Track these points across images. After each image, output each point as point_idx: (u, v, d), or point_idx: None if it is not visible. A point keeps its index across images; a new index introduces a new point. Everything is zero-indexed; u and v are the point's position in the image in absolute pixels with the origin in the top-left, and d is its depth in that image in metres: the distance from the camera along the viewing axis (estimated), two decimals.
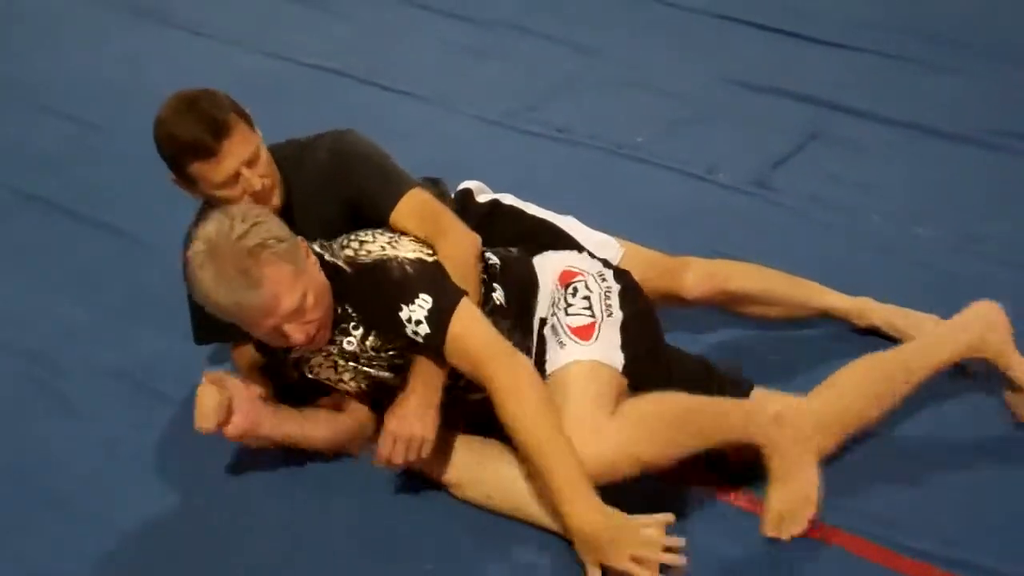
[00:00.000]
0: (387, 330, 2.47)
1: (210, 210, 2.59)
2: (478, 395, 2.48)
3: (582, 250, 2.75)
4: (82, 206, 3.72)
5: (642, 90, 4.19)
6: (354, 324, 2.50)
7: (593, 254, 2.75)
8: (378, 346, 2.51)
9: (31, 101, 4.38)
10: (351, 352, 2.53)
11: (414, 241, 2.55)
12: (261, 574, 2.53)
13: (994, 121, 3.82)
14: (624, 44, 4.50)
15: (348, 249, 2.51)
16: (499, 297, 2.61)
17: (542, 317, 2.61)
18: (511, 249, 2.75)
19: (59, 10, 5.07)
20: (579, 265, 2.68)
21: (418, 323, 2.41)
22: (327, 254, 2.51)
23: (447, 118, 4.11)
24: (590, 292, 2.60)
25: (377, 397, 2.63)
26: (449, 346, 2.42)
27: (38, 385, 3.03)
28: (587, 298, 2.58)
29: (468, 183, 2.95)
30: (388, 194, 2.62)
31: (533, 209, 2.91)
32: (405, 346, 2.48)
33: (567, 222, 2.89)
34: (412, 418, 2.46)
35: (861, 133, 3.85)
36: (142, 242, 3.52)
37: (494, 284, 2.62)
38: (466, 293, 2.47)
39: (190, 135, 2.53)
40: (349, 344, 2.51)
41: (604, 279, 2.64)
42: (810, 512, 2.46)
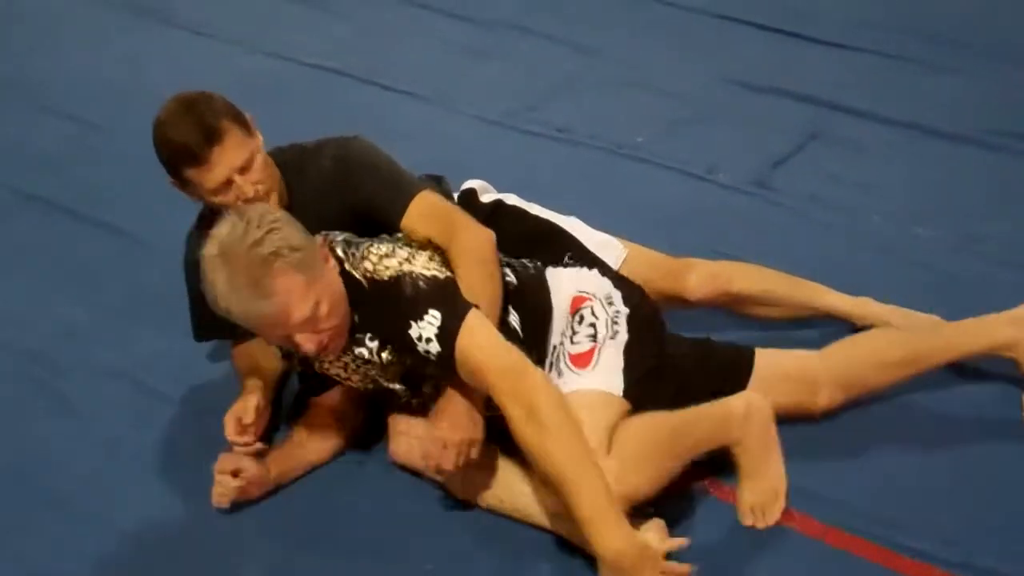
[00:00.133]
0: (400, 348, 2.42)
1: (210, 214, 2.60)
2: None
3: (592, 265, 2.70)
4: (82, 206, 3.72)
5: (642, 90, 4.19)
6: (370, 336, 2.45)
7: (605, 270, 2.70)
8: (392, 360, 2.47)
9: (31, 101, 4.38)
10: (364, 360, 2.49)
11: (432, 259, 2.47)
12: (261, 574, 2.54)
13: (994, 121, 3.82)
14: (624, 44, 4.50)
15: (367, 262, 2.43)
16: (514, 322, 2.55)
17: (554, 344, 2.58)
18: (526, 263, 2.68)
19: (59, 10, 5.07)
20: (588, 289, 2.62)
21: (428, 341, 2.35)
22: (347, 262, 2.43)
23: (447, 118, 4.11)
24: (596, 318, 2.56)
25: (380, 400, 2.64)
26: (460, 364, 2.35)
27: (38, 385, 3.03)
28: (592, 324, 2.55)
29: (472, 183, 2.94)
30: (397, 200, 2.59)
31: (536, 209, 2.90)
32: (419, 365, 2.44)
33: (570, 223, 2.88)
34: (461, 420, 2.43)
35: (861, 133, 3.85)
36: (142, 242, 3.52)
37: (510, 308, 2.55)
38: (476, 306, 2.39)
39: (182, 140, 2.51)
40: (363, 353, 2.47)
41: (612, 302, 2.59)
42: (780, 505, 2.54)
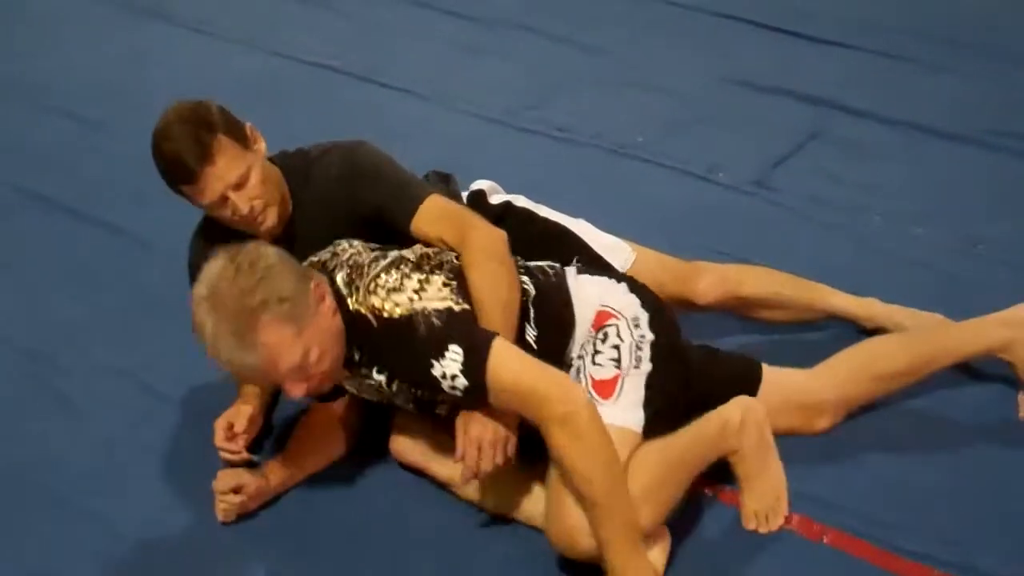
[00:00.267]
0: (422, 386, 2.36)
1: (212, 223, 2.58)
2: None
3: (621, 279, 2.61)
4: (83, 205, 3.72)
5: (642, 89, 4.18)
6: (377, 369, 2.38)
7: (634, 286, 2.59)
8: (402, 388, 2.43)
9: (32, 99, 4.38)
10: (373, 387, 2.44)
11: (445, 285, 2.39)
12: (261, 574, 2.54)
13: (995, 121, 3.81)
14: (625, 43, 4.50)
15: (375, 297, 2.34)
16: (531, 336, 2.48)
17: (573, 357, 2.52)
18: (546, 268, 2.60)
19: (60, 9, 5.08)
20: (615, 306, 2.52)
21: (454, 377, 2.29)
22: (352, 298, 2.35)
23: (447, 116, 4.11)
24: (621, 341, 2.47)
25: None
26: (493, 395, 2.31)
27: (38, 384, 3.03)
28: (616, 347, 2.46)
29: (480, 183, 2.91)
30: (406, 205, 2.55)
31: (545, 211, 2.88)
32: (435, 395, 2.38)
33: (579, 225, 2.86)
34: (492, 417, 2.39)
35: (861, 133, 3.85)
36: (142, 241, 3.52)
37: (530, 317, 2.49)
38: (497, 334, 2.33)
39: (174, 157, 2.48)
40: (370, 383, 2.43)
41: (638, 325, 2.49)
42: (782, 508, 2.54)
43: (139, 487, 2.71)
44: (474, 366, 2.28)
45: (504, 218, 2.78)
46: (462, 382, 2.29)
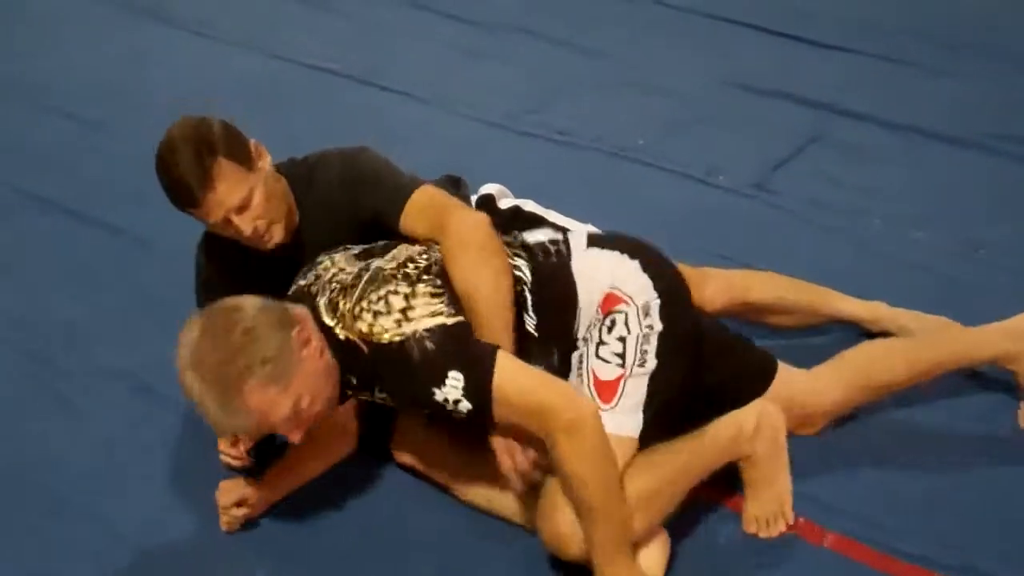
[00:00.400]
0: (426, 407, 2.32)
1: (215, 236, 2.57)
2: None
3: (634, 255, 2.49)
4: (83, 205, 3.72)
5: (643, 92, 4.19)
6: (378, 389, 2.34)
7: (647, 263, 2.48)
8: (406, 406, 2.42)
9: (32, 100, 4.38)
10: (374, 400, 2.42)
11: (433, 296, 2.32)
12: (261, 575, 2.54)
13: (995, 125, 3.82)
14: (625, 46, 4.50)
15: (361, 323, 2.28)
16: (531, 325, 2.43)
17: (581, 337, 2.46)
18: (548, 247, 2.51)
19: (61, 9, 5.07)
20: (627, 290, 2.42)
21: (457, 402, 2.26)
22: (339, 326, 2.30)
23: (447, 120, 4.11)
24: (627, 332, 2.39)
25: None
26: (497, 412, 2.27)
27: (37, 384, 3.03)
28: (622, 340, 2.38)
29: (489, 187, 2.90)
30: (397, 204, 2.52)
31: (554, 216, 2.85)
32: (448, 417, 2.33)
33: (588, 230, 2.86)
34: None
35: (861, 136, 3.85)
36: (143, 242, 3.52)
37: (524, 314, 2.43)
38: (498, 348, 2.28)
39: (174, 183, 2.46)
40: (372, 400, 2.41)
41: (648, 313, 2.40)
42: (785, 520, 2.52)
43: (139, 487, 2.71)
44: (476, 390, 2.25)
45: (514, 222, 2.78)
46: (465, 406, 2.27)
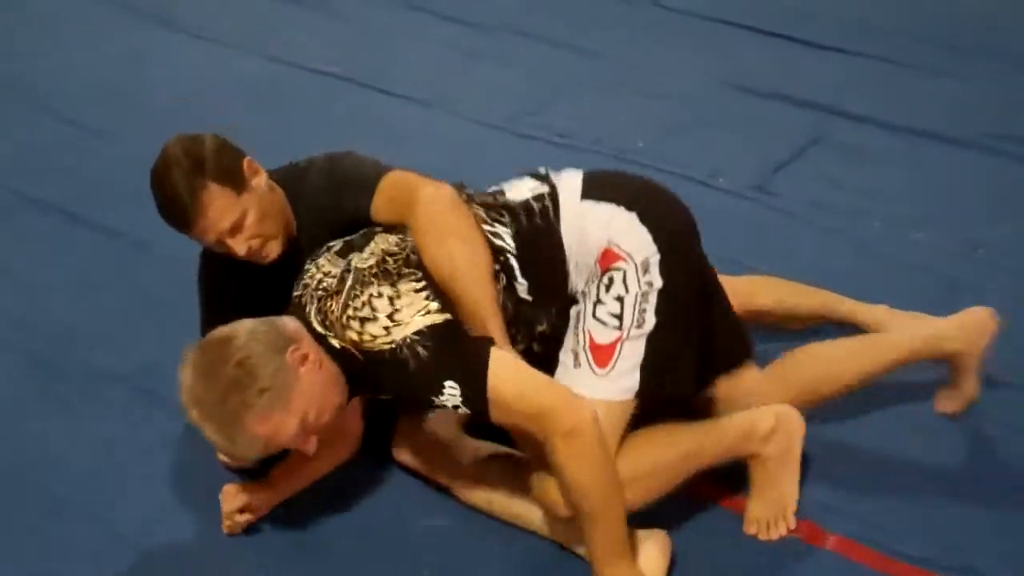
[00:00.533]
0: (428, 409, 2.35)
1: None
2: None
3: (631, 207, 2.39)
4: (82, 208, 3.71)
5: (643, 94, 4.19)
6: (380, 392, 2.38)
7: (645, 215, 2.39)
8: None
9: (32, 103, 4.38)
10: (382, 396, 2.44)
11: (418, 292, 2.29)
12: None
13: (995, 125, 3.82)
14: (625, 48, 4.50)
15: (350, 332, 2.27)
16: (522, 289, 2.39)
17: (580, 290, 2.39)
18: (532, 204, 2.43)
19: (61, 12, 5.07)
20: (624, 246, 2.35)
21: (456, 407, 2.26)
22: (331, 336, 2.29)
23: (447, 122, 4.11)
24: (625, 292, 2.33)
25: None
26: (495, 414, 2.26)
27: (37, 386, 3.03)
28: (620, 299, 2.32)
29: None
30: (367, 199, 2.47)
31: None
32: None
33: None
34: None
35: (862, 138, 3.85)
36: (142, 244, 3.51)
37: (514, 282, 2.38)
38: (492, 347, 2.25)
39: (165, 207, 2.46)
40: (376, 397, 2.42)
41: (647, 270, 2.33)
42: (786, 526, 2.50)
43: (139, 488, 2.71)
44: (474, 396, 2.24)
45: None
46: (464, 411, 2.27)
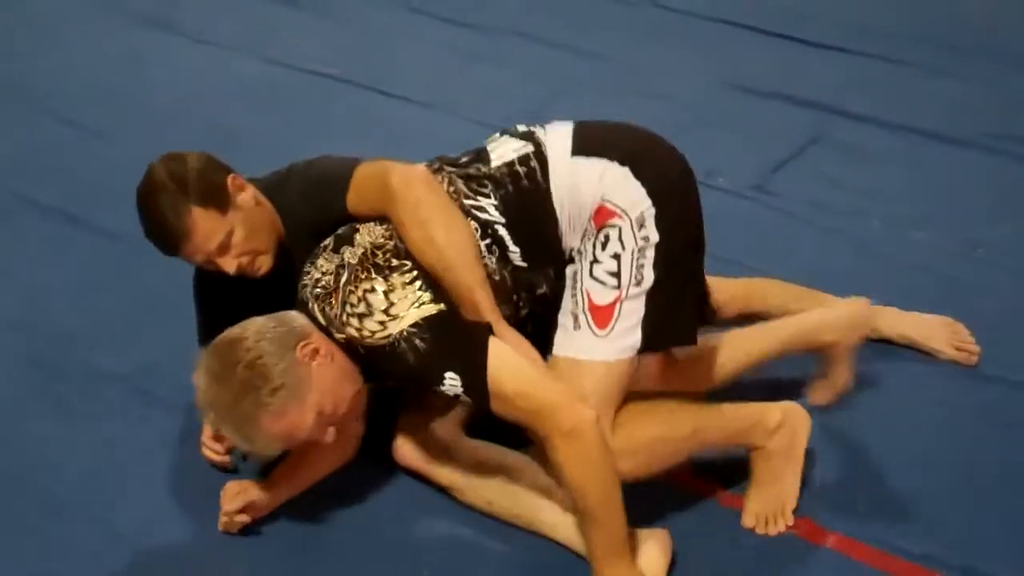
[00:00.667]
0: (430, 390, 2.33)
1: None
2: None
3: (624, 162, 2.35)
4: (82, 210, 3.71)
5: (642, 94, 4.18)
6: (385, 382, 2.40)
7: (639, 170, 2.35)
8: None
9: (32, 105, 4.37)
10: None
11: (411, 283, 2.29)
12: None
13: (994, 125, 3.82)
14: (625, 48, 4.51)
15: (350, 328, 2.28)
16: (516, 256, 2.37)
17: (576, 249, 2.36)
18: (516, 167, 2.38)
19: (61, 15, 5.07)
20: (619, 202, 2.31)
21: (457, 396, 2.28)
22: (334, 329, 2.31)
23: (448, 123, 4.10)
24: (622, 249, 2.30)
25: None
26: (497, 411, 2.28)
27: (37, 388, 3.02)
28: (617, 257, 2.30)
29: None
30: (342, 198, 2.45)
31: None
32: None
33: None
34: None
35: (861, 137, 3.85)
36: (141, 245, 3.48)
37: (507, 252, 2.36)
38: (491, 337, 2.25)
39: (151, 232, 2.49)
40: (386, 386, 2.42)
41: (643, 225, 2.31)
42: (785, 522, 2.50)
43: (139, 489, 2.70)
44: (475, 387, 2.25)
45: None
46: (466, 399, 2.29)
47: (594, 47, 4.51)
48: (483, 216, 2.37)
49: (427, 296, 2.28)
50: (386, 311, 2.27)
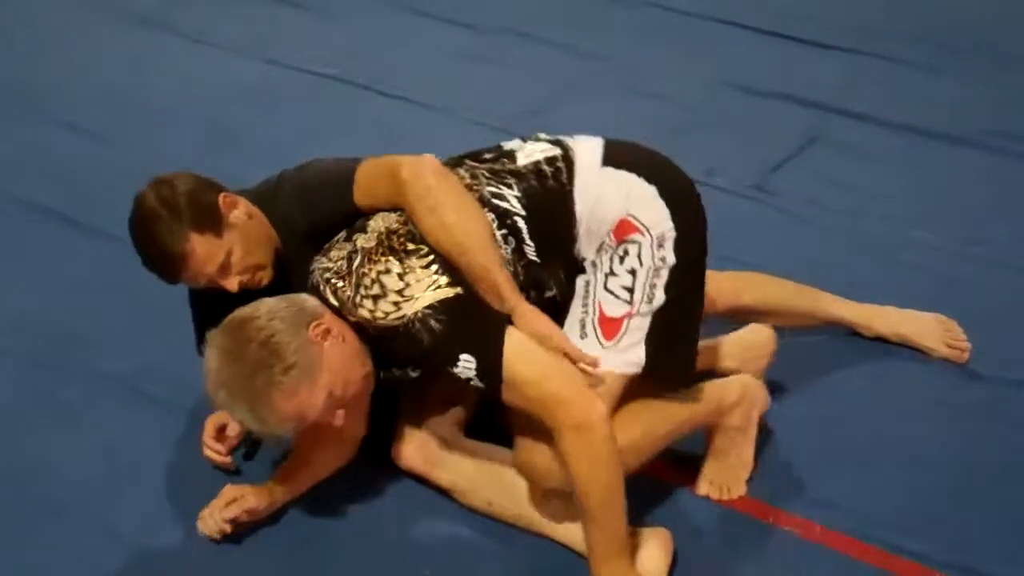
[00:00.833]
0: (439, 373, 2.32)
1: None
2: None
3: (652, 180, 2.38)
4: (83, 214, 3.71)
5: (642, 94, 4.19)
6: (396, 367, 2.36)
7: (663, 187, 2.37)
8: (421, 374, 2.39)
9: (33, 108, 4.38)
10: (415, 377, 2.41)
11: (428, 267, 2.29)
12: None
13: (993, 124, 3.82)
14: (624, 49, 4.50)
15: (363, 310, 2.28)
16: (531, 251, 2.37)
17: (591, 260, 2.38)
18: (543, 167, 2.40)
19: (61, 16, 5.07)
20: (643, 219, 2.34)
21: (469, 380, 2.27)
22: (346, 311, 2.31)
23: (448, 124, 4.10)
24: (639, 265, 2.33)
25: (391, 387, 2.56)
26: (508, 400, 2.28)
27: (38, 392, 3.02)
28: (633, 272, 2.33)
29: None
30: (347, 194, 2.43)
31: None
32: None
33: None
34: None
35: (860, 137, 3.85)
36: None
37: (523, 244, 2.36)
38: (508, 326, 2.26)
39: (149, 262, 2.49)
40: (409, 375, 2.39)
41: (662, 246, 2.33)
42: (739, 490, 2.57)
43: (139, 492, 2.71)
44: (488, 371, 2.25)
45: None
46: (478, 384, 2.28)
47: (594, 47, 4.51)
48: (503, 205, 2.37)
49: (444, 280, 2.28)
50: (400, 292, 2.28)
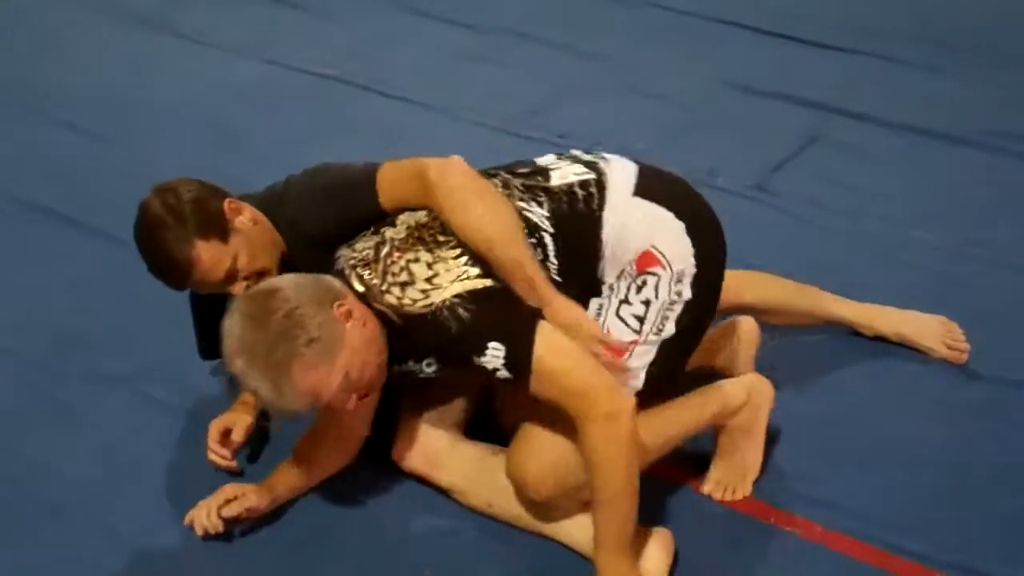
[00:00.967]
0: (463, 368, 2.31)
1: None
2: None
3: (681, 215, 2.40)
4: (83, 215, 3.71)
5: (642, 95, 4.19)
6: (414, 360, 2.36)
7: (691, 225, 2.40)
8: (440, 369, 2.38)
9: (34, 109, 4.38)
10: (429, 374, 2.40)
11: (458, 257, 2.31)
12: None
13: (993, 123, 3.82)
14: (624, 49, 4.51)
15: (390, 296, 2.29)
16: (553, 271, 2.37)
17: (608, 283, 2.40)
18: (575, 191, 2.40)
19: (61, 17, 5.08)
20: (667, 253, 2.37)
21: (496, 371, 2.27)
22: (371, 297, 2.31)
23: (448, 124, 4.10)
24: (655, 298, 2.36)
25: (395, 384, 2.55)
26: (535, 384, 2.27)
27: (38, 393, 3.03)
28: (647, 303, 2.36)
29: None
30: (370, 197, 2.42)
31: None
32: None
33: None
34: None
35: (860, 137, 3.85)
36: None
37: (546, 260, 2.36)
38: (539, 318, 2.27)
39: (155, 271, 2.48)
40: (424, 370, 2.39)
41: (680, 281, 2.37)
42: (743, 492, 2.57)
43: (139, 493, 2.71)
44: (517, 361, 2.25)
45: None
46: (505, 374, 2.28)
47: (594, 47, 4.51)
48: (532, 219, 2.38)
49: (474, 271, 2.29)
50: (429, 280, 2.29)
